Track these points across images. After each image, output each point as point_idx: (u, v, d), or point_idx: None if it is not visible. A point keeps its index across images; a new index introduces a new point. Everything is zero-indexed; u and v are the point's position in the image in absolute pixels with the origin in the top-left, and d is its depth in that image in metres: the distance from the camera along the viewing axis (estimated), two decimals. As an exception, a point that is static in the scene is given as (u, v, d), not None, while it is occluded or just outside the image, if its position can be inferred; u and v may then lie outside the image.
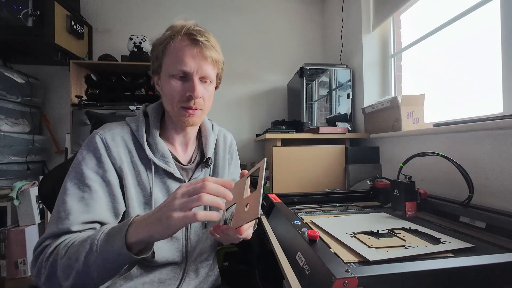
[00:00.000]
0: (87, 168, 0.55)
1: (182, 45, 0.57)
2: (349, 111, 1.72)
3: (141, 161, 0.61)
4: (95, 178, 0.55)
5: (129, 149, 0.60)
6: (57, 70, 2.03)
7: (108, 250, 0.43)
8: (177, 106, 0.60)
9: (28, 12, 1.58)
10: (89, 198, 0.53)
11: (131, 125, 0.63)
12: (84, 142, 0.59)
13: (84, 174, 0.54)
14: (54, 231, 0.50)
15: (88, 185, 0.53)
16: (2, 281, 1.44)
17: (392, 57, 1.59)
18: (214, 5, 2.20)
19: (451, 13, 1.15)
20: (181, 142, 0.69)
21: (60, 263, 0.46)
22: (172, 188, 0.63)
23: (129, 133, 0.62)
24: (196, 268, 0.68)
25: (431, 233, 0.63)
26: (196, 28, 0.59)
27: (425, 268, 0.41)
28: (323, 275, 0.41)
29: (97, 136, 0.58)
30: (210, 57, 0.59)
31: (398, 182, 0.82)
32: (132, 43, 1.84)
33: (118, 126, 0.62)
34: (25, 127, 1.83)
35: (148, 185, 0.60)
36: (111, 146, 0.58)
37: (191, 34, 0.57)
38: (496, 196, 0.80)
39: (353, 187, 1.28)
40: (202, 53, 0.58)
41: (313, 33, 2.32)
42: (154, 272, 0.62)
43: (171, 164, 0.63)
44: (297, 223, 0.66)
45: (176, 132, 0.67)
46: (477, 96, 1.10)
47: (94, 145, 0.57)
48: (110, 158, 0.57)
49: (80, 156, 0.56)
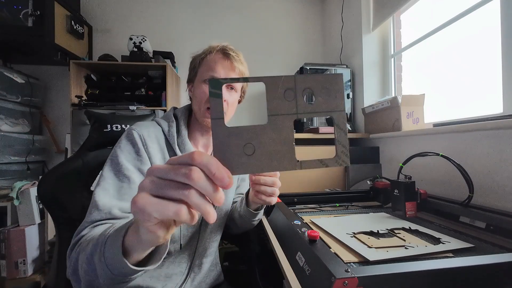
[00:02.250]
0: (126, 160, 0.58)
1: (216, 58, 0.67)
2: (349, 111, 1.72)
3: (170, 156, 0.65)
4: (133, 169, 0.57)
5: (161, 147, 0.65)
6: (57, 70, 2.03)
7: (108, 253, 0.36)
8: (204, 107, 0.67)
9: (28, 12, 1.58)
10: (127, 188, 0.55)
11: (162, 126, 0.68)
12: (122, 136, 0.63)
13: (122, 165, 0.57)
14: (91, 219, 0.51)
15: (126, 175, 0.56)
16: (2, 281, 1.44)
17: (392, 57, 1.59)
18: (214, 5, 2.20)
19: (451, 13, 1.15)
20: (204, 143, 0.74)
21: (80, 257, 0.44)
22: None
23: (161, 133, 0.67)
24: (201, 263, 0.70)
25: (431, 233, 0.63)
26: (230, 46, 0.69)
27: (425, 268, 0.41)
28: (323, 275, 0.41)
29: (134, 132, 0.62)
30: (238, 68, 0.68)
31: (398, 182, 0.82)
32: (132, 43, 1.84)
33: (151, 125, 0.67)
34: (25, 127, 1.83)
35: None
36: (148, 141, 0.62)
37: (224, 50, 0.67)
38: (496, 196, 0.80)
39: (353, 187, 1.28)
40: (231, 64, 0.67)
41: (313, 33, 2.32)
42: (162, 267, 0.65)
43: None
44: (297, 223, 0.66)
45: (200, 134, 0.73)
46: (477, 96, 1.10)
47: (132, 139, 0.61)
48: (147, 152, 0.61)
49: (119, 149, 0.60)
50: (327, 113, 0.25)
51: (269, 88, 0.24)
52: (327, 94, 0.25)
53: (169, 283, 0.64)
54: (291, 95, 0.25)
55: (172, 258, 0.66)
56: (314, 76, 0.25)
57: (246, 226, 0.76)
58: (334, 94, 0.25)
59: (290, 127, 0.25)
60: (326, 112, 0.25)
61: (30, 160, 1.84)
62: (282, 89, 0.24)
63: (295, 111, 0.25)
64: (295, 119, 0.25)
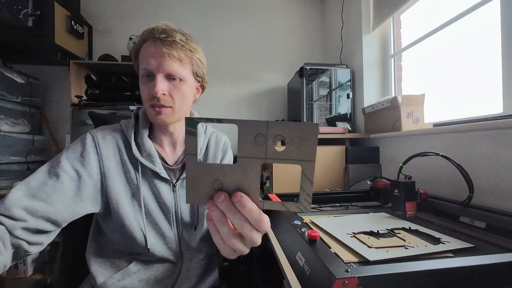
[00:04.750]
0: (66, 158, 0.55)
1: (147, 46, 0.59)
2: (349, 111, 1.72)
3: (129, 160, 0.62)
4: (69, 168, 0.54)
5: (119, 148, 0.62)
6: (57, 70, 2.03)
7: None
8: (147, 105, 0.62)
9: (28, 12, 1.58)
10: (51, 186, 0.51)
11: (123, 126, 0.66)
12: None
13: (60, 162, 0.54)
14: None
15: (57, 173, 0.52)
16: (2, 281, 1.44)
17: (392, 57, 1.59)
18: (214, 5, 2.20)
19: (451, 13, 1.15)
20: (168, 142, 0.69)
21: None
22: (158, 187, 0.63)
23: (121, 134, 0.64)
24: (191, 269, 0.67)
25: (431, 233, 0.63)
26: (161, 27, 0.59)
27: (425, 268, 0.41)
28: (323, 275, 0.41)
29: (88, 134, 0.61)
30: (171, 54, 0.58)
31: (398, 182, 0.82)
32: (132, 43, 1.83)
33: (110, 127, 0.65)
34: (25, 127, 1.83)
35: (136, 183, 0.62)
36: (101, 143, 0.60)
37: (153, 35, 0.58)
38: (496, 196, 0.80)
39: (353, 187, 1.28)
40: (162, 51, 0.57)
41: (313, 33, 2.32)
42: (151, 270, 0.63)
43: (157, 164, 0.63)
44: (297, 223, 0.66)
45: (162, 133, 0.67)
46: (477, 96, 1.10)
47: (83, 141, 0.59)
48: (98, 154, 0.59)
49: (66, 148, 0.58)
50: (297, 161, 0.26)
51: (241, 131, 0.25)
52: (299, 143, 0.25)
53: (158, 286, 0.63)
54: (262, 140, 0.25)
55: (161, 260, 0.64)
56: (288, 124, 0.25)
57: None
58: (307, 143, 0.25)
59: (257, 170, 0.26)
60: (296, 160, 0.26)
61: (30, 160, 1.84)
62: (253, 134, 0.25)
63: (264, 156, 0.25)
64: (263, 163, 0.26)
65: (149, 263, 0.64)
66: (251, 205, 0.27)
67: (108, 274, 0.61)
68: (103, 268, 0.62)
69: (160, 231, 0.63)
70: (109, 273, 0.61)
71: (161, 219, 0.63)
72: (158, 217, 0.63)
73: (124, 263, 0.63)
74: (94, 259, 0.63)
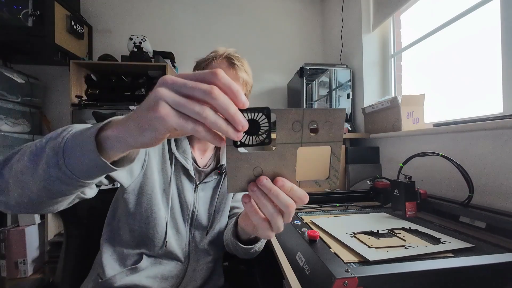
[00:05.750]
0: None
1: (221, 66, 0.67)
2: (349, 111, 1.72)
3: (168, 152, 0.68)
4: None
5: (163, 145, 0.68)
6: (57, 70, 2.03)
7: (72, 142, 0.31)
8: None
9: (28, 12, 1.58)
10: None
11: None
12: None
13: None
14: None
15: None
16: (2, 281, 1.44)
17: (392, 57, 1.59)
18: (214, 4, 2.20)
19: (451, 13, 1.15)
20: (200, 146, 0.74)
21: (19, 156, 0.36)
22: (184, 184, 0.67)
23: None
24: (198, 270, 0.69)
25: (431, 233, 0.63)
26: (235, 54, 0.69)
27: (425, 268, 0.41)
28: (323, 275, 0.41)
29: None
30: (242, 78, 0.68)
31: (398, 182, 0.82)
32: (132, 43, 1.83)
33: None
34: (25, 127, 1.83)
35: (168, 174, 0.66)
36: None
37: (229, 58, 0.67)
38: (496, 196, 0.80)
39: (353, 187, 1.28)
40: (236, 74, 0.67)
41: (313, 33, 2.32)
42: (159, 267, 0.65)
43: (188, 161, 0.68)
44: (297, 223, 0.66)
45: (196, 138, 0.72)
46: (477, 96, 1.10)
47: None
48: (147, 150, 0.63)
49: None
50: (327, 143, 0.29)
51: (280, 119, 0.27)
52: (329, 126, 0.28)
53: (164, 284, 0.64)
54: (298, 126, 0.27)
55: (171, 257, 0.65)
56: (320, 111, 0.28)
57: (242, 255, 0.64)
58: (336, 127, 0.28)
59: (294, 154, 0.29)
60: (327, 142, 0.29)
61: (30, 160, 1.83)
62: (291, 121, 0.27)
63: (300, 141, 0.28)
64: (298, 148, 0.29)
65: (157, 260, 0.65)
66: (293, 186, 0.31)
67: (117, 268, 0.62)
68: (113, 259, 0.63)
69: (176, 226, 0.66)
70: (118, 266, 0.63)
71: (179, 216, 0.67)
72: (177, 213, 0.66)
73: (132, 257, 0.64)
74: (107, 246, 0.64)
